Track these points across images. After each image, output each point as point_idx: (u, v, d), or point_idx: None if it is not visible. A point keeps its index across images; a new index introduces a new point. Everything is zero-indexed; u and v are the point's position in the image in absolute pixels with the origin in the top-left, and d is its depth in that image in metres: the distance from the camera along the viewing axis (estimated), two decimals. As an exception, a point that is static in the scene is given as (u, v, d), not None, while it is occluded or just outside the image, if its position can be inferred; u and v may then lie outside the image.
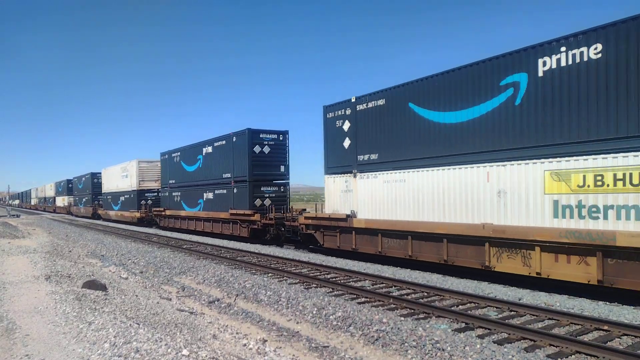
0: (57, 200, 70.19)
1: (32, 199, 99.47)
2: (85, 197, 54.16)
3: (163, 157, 33.42)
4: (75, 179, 60.43)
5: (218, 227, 25.29)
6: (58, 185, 70.74)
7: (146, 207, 35.97)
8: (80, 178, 57.20)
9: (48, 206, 78.24)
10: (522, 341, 7.16)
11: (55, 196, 72.39)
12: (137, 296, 10.35)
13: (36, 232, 29.37)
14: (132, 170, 37.34)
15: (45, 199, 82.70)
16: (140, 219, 35.89)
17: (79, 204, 57.01)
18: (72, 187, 62.03)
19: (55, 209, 70.79)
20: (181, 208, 29.94)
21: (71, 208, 61.45)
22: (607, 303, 9.60)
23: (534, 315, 8.50)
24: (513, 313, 8.69)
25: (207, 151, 26.59)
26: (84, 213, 53.28)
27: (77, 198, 58.52)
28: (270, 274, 13.22)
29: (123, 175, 39.73)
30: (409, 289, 10.85)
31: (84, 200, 54.51)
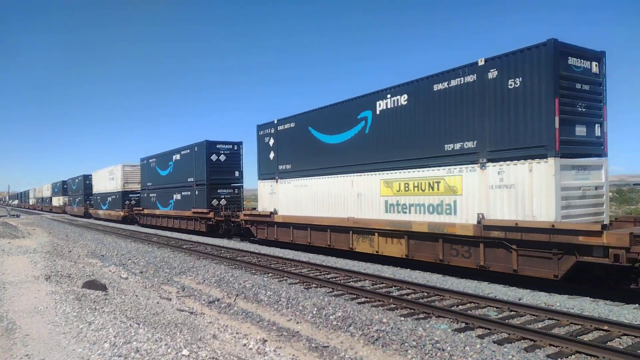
0: (54, 200, 74.23)
1: (30, 199, 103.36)
2: (78, 198, 58.58)
3: (142, 162, 37.55)
4: (69, 180, 64.71)
5: (184, 224, 29.77)
6: (54, 186, 74.75)
7: (129, 207, 40.41)
8: (74, 179, 61.59)
9: (45, 206, 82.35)
10: (522, 341, 7.15)
11: (51, 196, 76.28)
12: (137, 296, 10.36)
13: (36, 232, 29.59)
14: (118, 173, 41.69)
15: (42, 199, 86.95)
16: (124, 217, 40.38)
17: (73, 204, 61.55)
18: (67, 188, 66.32)
19: (51, 209, 74.64)
20: (156, 207, 34.24)
21: (66, 207, 66.00)
22: (607, 303, 9.71)
23: (534, 315, 8.51)
24: (513, 313, 8.73)
25: (176, 158, 30.96)
26: (77, 212, 57.87)
27: (71, 198, 62.84)
28: (270, 274, 13.42)
29: (110, 177, 44.06)
30: (409, 289, 10.97)
31: (77, 200, 59.00)
